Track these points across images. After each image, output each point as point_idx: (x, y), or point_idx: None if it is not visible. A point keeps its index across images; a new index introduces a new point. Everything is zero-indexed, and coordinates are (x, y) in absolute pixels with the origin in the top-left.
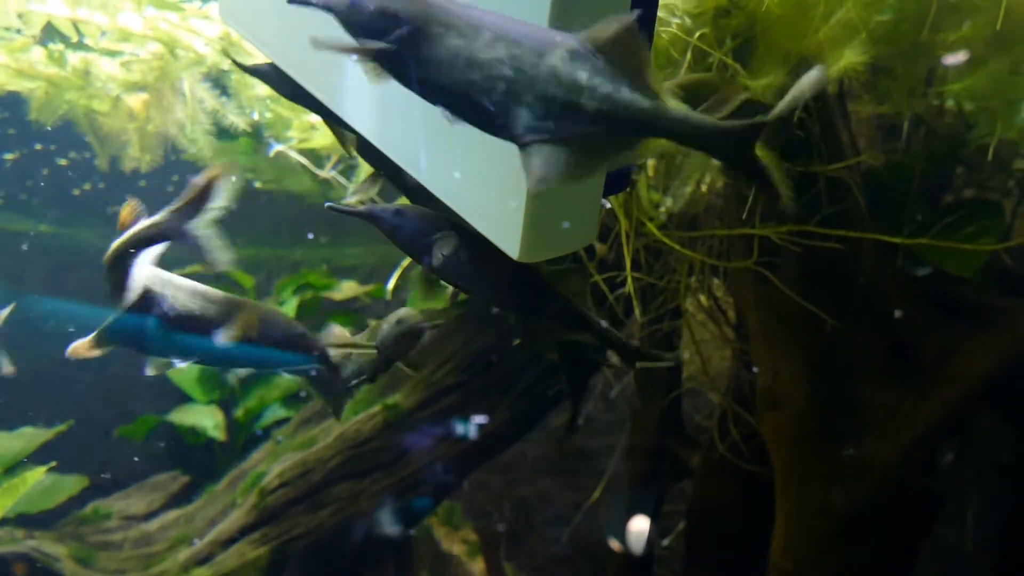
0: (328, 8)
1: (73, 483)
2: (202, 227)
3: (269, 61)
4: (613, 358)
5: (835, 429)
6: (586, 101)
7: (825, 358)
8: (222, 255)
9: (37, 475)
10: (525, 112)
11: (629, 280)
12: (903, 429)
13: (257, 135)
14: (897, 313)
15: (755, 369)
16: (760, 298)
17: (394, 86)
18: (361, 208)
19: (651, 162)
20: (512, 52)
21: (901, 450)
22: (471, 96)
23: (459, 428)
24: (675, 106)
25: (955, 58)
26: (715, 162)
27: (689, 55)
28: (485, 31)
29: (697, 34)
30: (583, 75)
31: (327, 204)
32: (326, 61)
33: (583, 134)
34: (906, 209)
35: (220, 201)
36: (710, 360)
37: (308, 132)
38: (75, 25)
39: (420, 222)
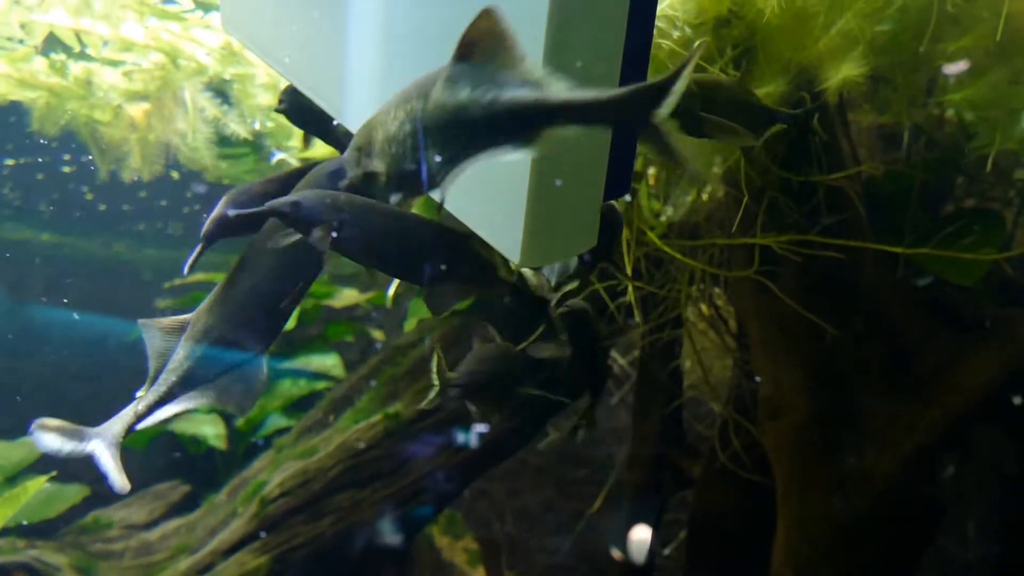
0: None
1: (74, 492)
2: None
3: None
4: (617, 362)
5: (836, 438)
6: (475, 117)
7: (826, 368)
8: None
9: (38, 484)
10: (439, 157)
11: (630, 289)
12: (904, 439)
13: (258, 144)
14: (898, 323)
15: (756, 378)
16: (761, 307)
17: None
18: (262, 208)
19: (652, 171)
20: (412, 106)
21: (902, 460)
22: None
23: (460, 437)
24: (558, 89)
25: (955, 68)
26: (716, 170)
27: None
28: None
29: (697, 43)
30: (464, 93)
31: (232, 212)
32: (327, 69)
33: (488, 148)
34: (907, 219)
35: None
36: (711, 369)
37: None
38: (77, 35)
39: (319, 206)
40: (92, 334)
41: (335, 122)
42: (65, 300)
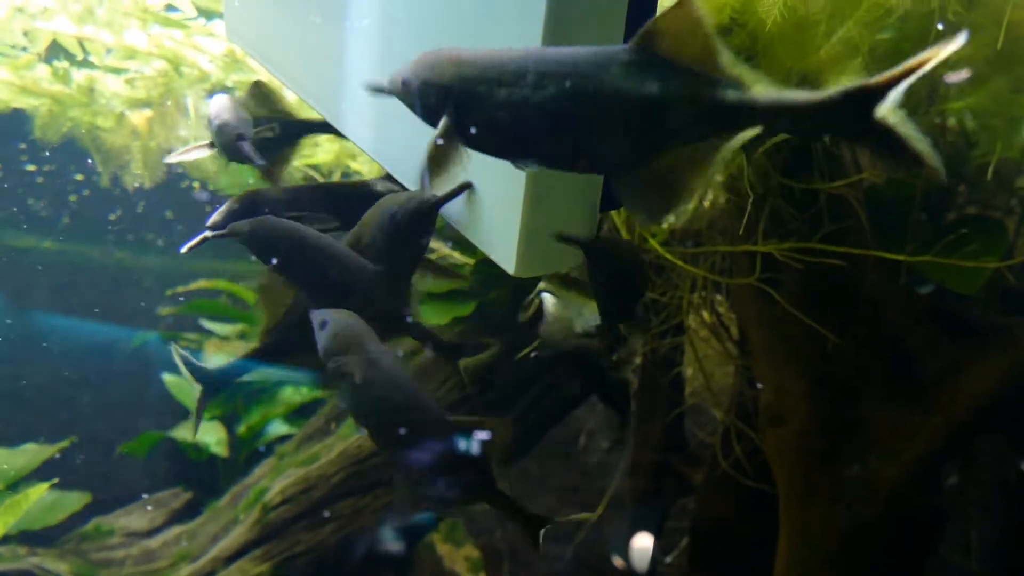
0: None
1: (75, 500)
2: None
3: None
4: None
5: (838, 446)
6: (667, 110)
7: (828, 375)
8: None
9: (39, 492)
10: (606, 144)
11: None
12: (907, 447)
13: None
14: (900, 330)
15: (758, 386)
16: (763, 315)
17: (391, 103)
18: (225, 231)
19: None
20: (569, 85)
21: (905, 468)
22: (540, 143)
23: (462, 445)
24: (762, 89)
25: (957, 76)
26: (718, 178)
27: None
28: (529, 71)
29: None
30: (653, 85)
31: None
32: (327, 79)
33: (672, 143)
34: (908, 226)
35: None
36: (713, 376)
37: (312, 148)
38: (81, 43)
39: (267, 235)
40: (94, 341)
41: None
42: (67, 307)
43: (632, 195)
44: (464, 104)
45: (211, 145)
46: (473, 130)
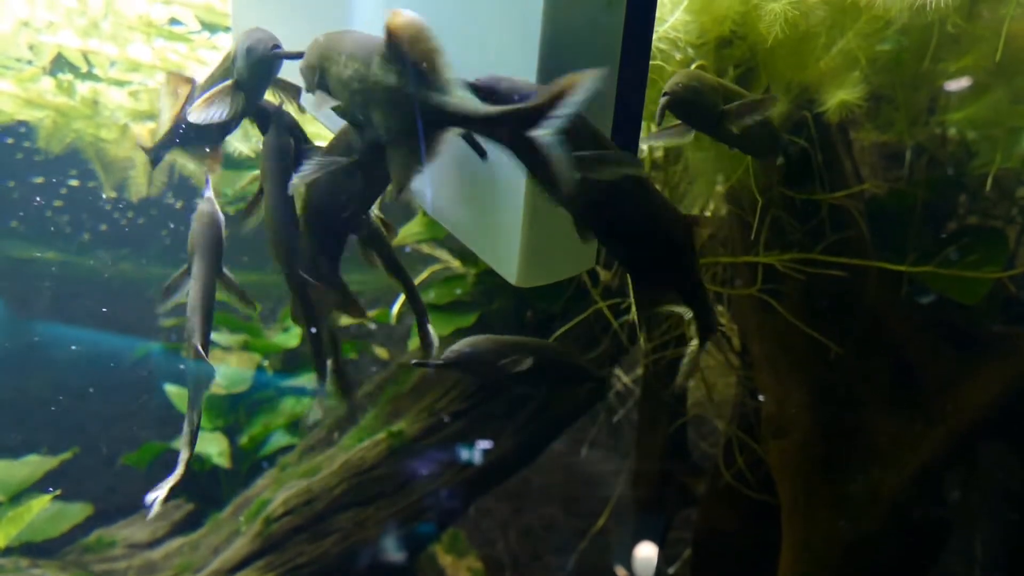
0: None
1: (77, 511)
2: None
3: None
4: (621, 380)
5: (841, 457)
6: (399, 101)
7: (830, 386)
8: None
9: (42, 503)
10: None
11: (634, 307)
12: (909, 457)
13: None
14: (902, 341)
15: (760, 397)
16: (764, 325)
17: None
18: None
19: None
20: (353, 64)
21: (908, 478)
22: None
23: (464, 455)
24: (460, 97)
25: (957, 84)
26: (720, 188)
27: None
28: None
29: (695, 64)
30: (394, 78)
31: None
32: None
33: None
34: (910, 237)
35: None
36: (715, 387)
37: None
38: (85, 56)
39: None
40: (97, 352)
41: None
42: (70, 317)
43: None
44: (323, 80)
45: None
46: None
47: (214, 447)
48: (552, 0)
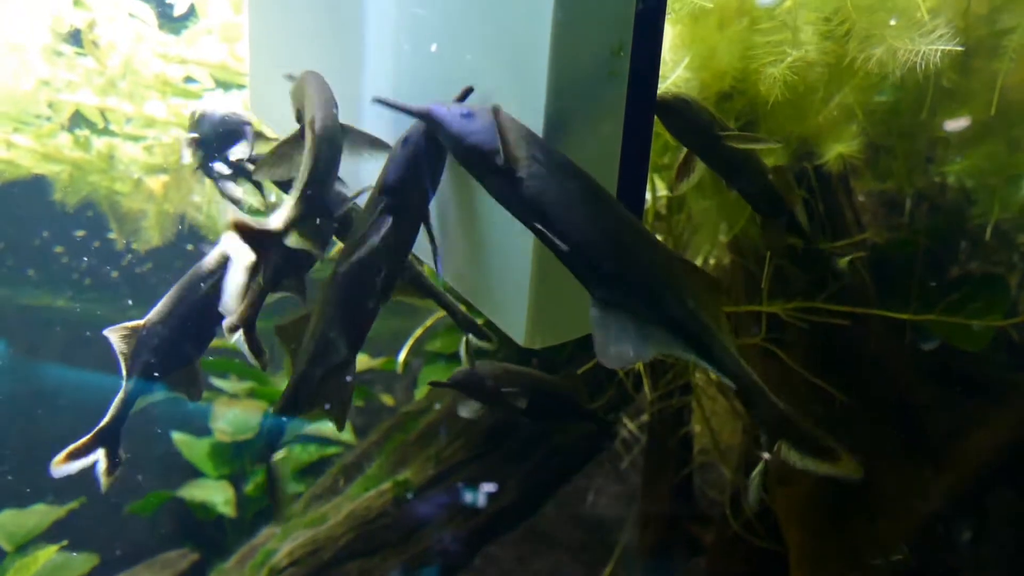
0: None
1: (83, 561)
2: None
3: None
4: (627, 426)
5: (849, 505)
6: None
7: (836, 434)
8: None
9: (48, 554)
10: (618, 284)
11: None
12: (918, 505)
13: (271, 214)
14: (908, 388)
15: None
16: (769, 374)
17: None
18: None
19: (659, 237)
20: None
21: (917, 527)
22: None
23: (470, 504)
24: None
25: (955, 125)
26: (723, 238)
27: None
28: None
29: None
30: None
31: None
32: (346, 153)
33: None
34: (912, 284)
35: None
36: (721, 433)
37: None
38: (102, 113)
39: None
40: (104, 399)
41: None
42: (79, 364)
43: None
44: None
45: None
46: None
47: (219, 495)
48: (558, 54)
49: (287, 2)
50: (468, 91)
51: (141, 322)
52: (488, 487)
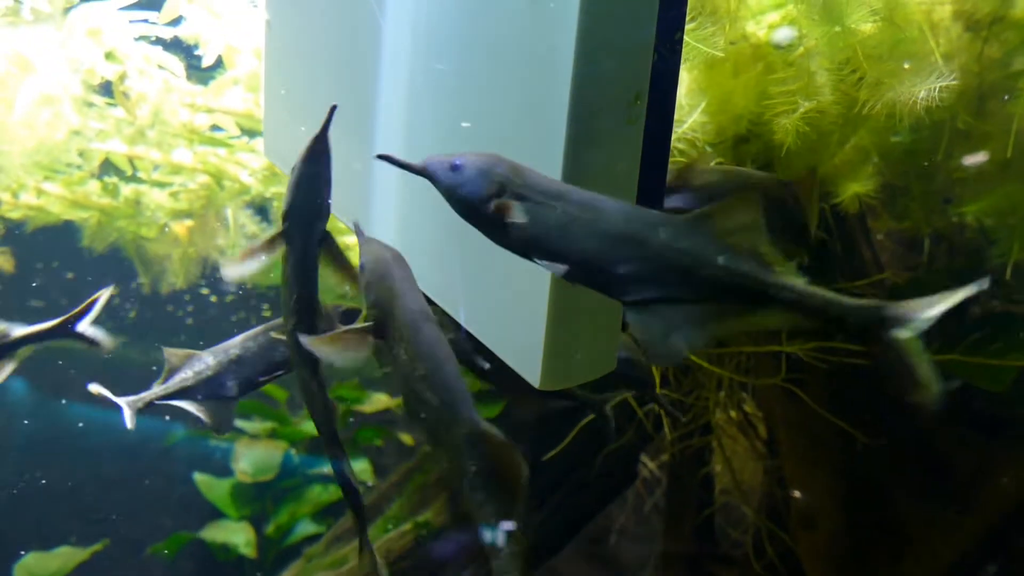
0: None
1: None
2: None
3: None
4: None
5: (872, 548)
6: (700, 269)
7: (859, 475)
8: None
9: None
10: (638, 279)
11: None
12: (943, 547)
13: None
14: (930, 429)
15: (791, 491)
16: (790, 415)
17: (417, 218)
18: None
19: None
20: (630, 226)
21: (943, 569)
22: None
23: (491, 545)
24: (793, 280)
25: (974, 159)
26: None
27: None
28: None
29: (713, 162)
30: (696, 245)
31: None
32: (357, 197)
33: (694, 299)
34: (933, 324)
35: None
36: (742, 473)
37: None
38: (131, 160)
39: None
40: (128, 439)
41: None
42: (103, 406)
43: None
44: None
45: None
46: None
47: (240, 536)
48: (577, 104)
49: (302, 50)
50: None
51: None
52: (509, 528)
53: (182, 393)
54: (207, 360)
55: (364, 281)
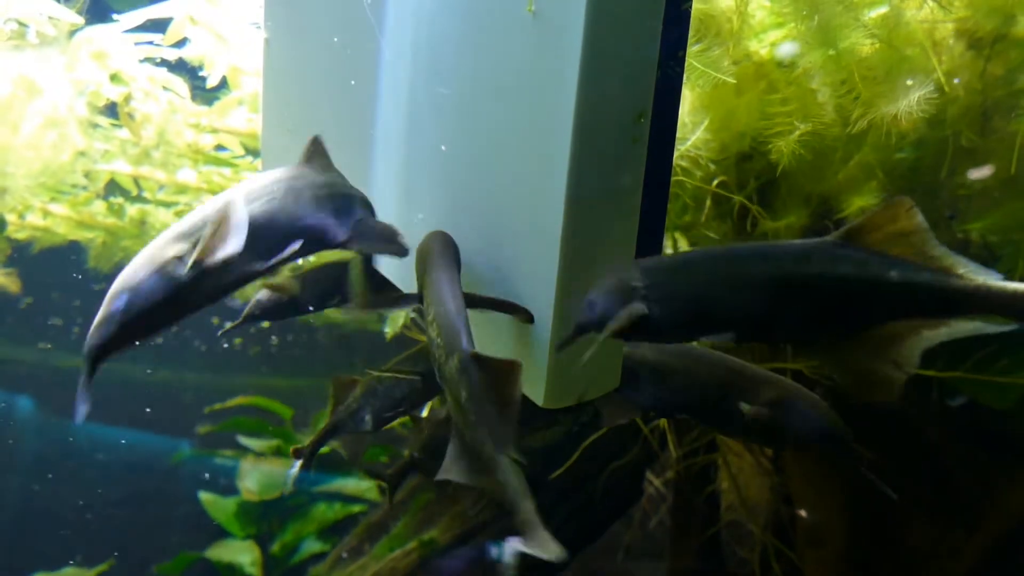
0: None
1: None
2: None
3: None
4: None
5: (879, 566)
6: (875, 290)
7: (865, 493)
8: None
9: None
10: (809, 319)
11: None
12: (951, 565)
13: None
14: (937, 446)
15: (796, 508)
16: None
17: (417, 240)
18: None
19: None
20: (774, 267)
21: None
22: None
23: (497, 563)
24: (984, 278)
25: (979, 172)
26: None
27: (709, 200)
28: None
29: (715, 182)
30: (857, 266)
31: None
32: None
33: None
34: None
35: None
36: (748, 489)
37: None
38: (136, 181)
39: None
40: (135, 457)
41: None
42: (109, 423)
43: (840, 367)
44: None
45: None
46: None
47: (246, 556)
48: (581, 125)
49: (301, 69)
50: None
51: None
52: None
53: (337, 429)
54: (355, 391)
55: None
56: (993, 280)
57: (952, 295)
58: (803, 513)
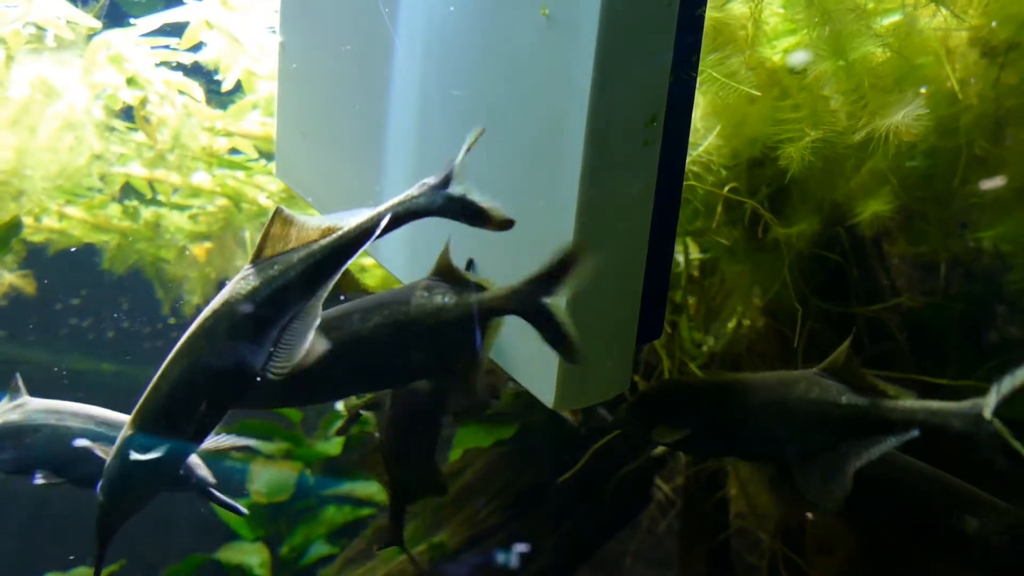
0: None
1: None
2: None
3: None
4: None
5: (889, 574)
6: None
7: (874, 499)
8: None
9: None
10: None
11: None
12: (963, 574)
13: None
14: (947, 454)
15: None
16: None
17: (429, 243)
18: None
19: (691, 300)
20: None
21: None
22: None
23: (505, 567)
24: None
25: (991, 183)
26: (756, 301)
27: (720, 205)
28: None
29: (727, 187)
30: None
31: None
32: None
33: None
34: (949, 349)
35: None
36: (757, 497)
37: (359, 275)
38: (151, 184)
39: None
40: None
41: None
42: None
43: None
44: None
45: None
46: None
47: (255, 558)
48: (594, 127)
49: (316, 72)
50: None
51: None
52: (523, 550)
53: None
54: None
55: None
56: (907, 401)
57: (881, 415)
58: (812, 519)
